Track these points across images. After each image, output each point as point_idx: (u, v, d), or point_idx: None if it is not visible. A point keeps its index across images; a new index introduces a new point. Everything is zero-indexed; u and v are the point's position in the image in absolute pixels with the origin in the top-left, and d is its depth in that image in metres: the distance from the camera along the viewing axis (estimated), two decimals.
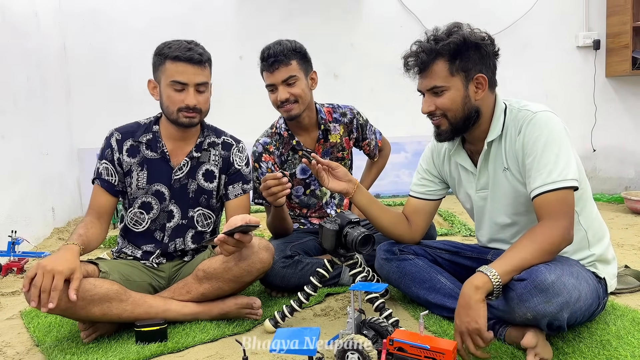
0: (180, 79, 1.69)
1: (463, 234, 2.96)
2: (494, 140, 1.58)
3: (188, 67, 1.69)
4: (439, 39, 1.52)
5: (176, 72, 1.69)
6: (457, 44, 1.49)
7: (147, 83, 1.79)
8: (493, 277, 1.34)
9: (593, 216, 1.60)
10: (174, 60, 1.69)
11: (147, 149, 1.80)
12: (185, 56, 1.68)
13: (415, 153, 4.19)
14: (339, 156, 2.23)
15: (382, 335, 1.37)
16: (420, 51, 1.53)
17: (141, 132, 1.81)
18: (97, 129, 1.82)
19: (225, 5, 4.05)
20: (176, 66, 1.69)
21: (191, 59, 1.69)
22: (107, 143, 1.81)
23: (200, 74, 1.71)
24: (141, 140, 1.80)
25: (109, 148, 1.80)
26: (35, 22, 3.33)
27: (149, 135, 1.81)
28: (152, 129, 1.82)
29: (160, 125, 1.83)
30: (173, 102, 1.71)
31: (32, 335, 1.70)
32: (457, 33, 1.51)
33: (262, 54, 2.02)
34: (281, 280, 1.92)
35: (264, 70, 2.03)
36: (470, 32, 1.52)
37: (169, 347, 1.54)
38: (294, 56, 2.00)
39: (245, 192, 1.88)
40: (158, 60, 1.73)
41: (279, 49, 1.98)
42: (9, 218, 2.73)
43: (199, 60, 1.70)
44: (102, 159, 1.80)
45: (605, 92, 4.28)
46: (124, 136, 1.81)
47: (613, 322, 1.59)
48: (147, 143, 1.80)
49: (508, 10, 4.18)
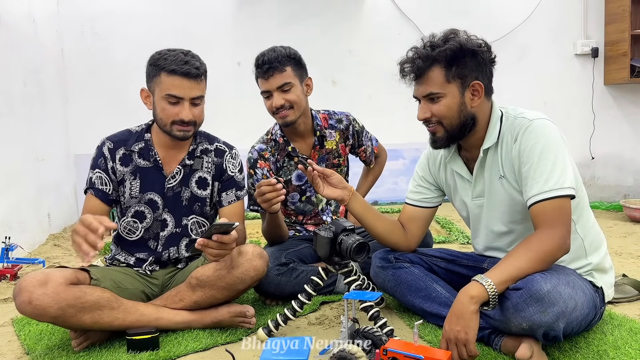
0: (176, 92, 1.67)
1: (461, 242, 2.94)
2: (490, 147, 1.57)
3: (184, 81, 1.66)
4: (435, 45, 1.51)
5: (172, 85, 1.66)
6: (453, 51, 1.48)
7: (140, 92, 1.77)
8: (488, 287, 1.32)
9: (590, 225, 1.59)
10: (170, 73, 1.66)
11: (139, 158, 1.78)
12: (182, 70, 1.65)
13: (413, 160, 4.19)
14: (334, 163, 2.21)
15: (376, 345, 1.35)
16: (417, 57, 1.52)
17: (133, 140, 1.79)
18: (94, 135, 1.81)
19: (224, 12, 4.05)
20: (172, 80, 1.66)
21: (188, 73, 1.66)
22: (100, 152, 1.78)
23: (196, 88, 1.69)
24: (133, 149, 1.78)
25: (101, 157, 1.77)
26: (33, 27, 3.33)
27: (141, 143, 1.79)
28: (144, 137, 1.80)
29: (152, 133, 1.81)
30: (167, 115, 1.69)
31: (23, 343, 1.68)
32: (454, 40, 1.50)
33: (257, 60, 2.02)
34: (275, 288, 1.90)
35: (259, 77, 2.03)
36: (466, 39, 1.51)
37: (160, 355, 1.52)
38: (288, 62, 1.99)
39: (238, 198, 1.87)
40: (153, 71, 1.71)
41: (273, 56, 1.97)
42: (4, 224, 2.71)
43: (195, 74, 1.67)
44: (95, 168, 1.77)
45: (603, 100, 4.28)
46: (116, 145, 1.78)
47: (610, 332, 1.57)
48: (140, 152, 1.78)
49: (506, 18, 4.18)
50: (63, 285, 1.49)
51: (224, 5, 4.04)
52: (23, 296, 1.45)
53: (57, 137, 3.70)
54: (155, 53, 1.73)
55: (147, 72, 1.74)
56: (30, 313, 1.46)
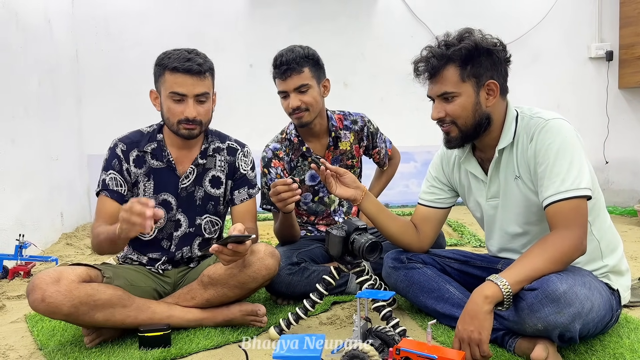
0: (179, 90, 1.66)
1: (473, 245, 2.92)
2: (506, 147, 1.55)
3: (187, 78, 1.66)
4: (450, 44, 1.50)
5: (174, 83, 1.66)
6: (468, 50, 1.47)
7: (149, 94, 1.77)
8: (503, 287, 1.31)
9: (606, 226, 1.57)
10: (172, 71, 1.66)
11: (152, 159, 1.77)
12: (183, 67, 1.65)
13: (425, 163, 4.17)
14: (348, 164, 2.21)
15: (389, 344, 1.34)
16: (431, 56, 1.51)
17: (145, 141, 1.79)
18: (107, 135, 1.81)
19: (236, 14, 4.07)
20: (175, 77, 1.66)
21: (190, 69, 1.65)
22: (113, 153, 1.77)
23: (199, 84, 1.68)
24: (146, 149, 1.77)
25: (115, 158, 1.76)
26: (48, 29, 3.37)
27: (154, 144, 1.78)
28: (156, 138, 1.79)
29: (164, 133, 1.80)
30: (173, 114, 1.69)
31: (36, 339, 1.69)
32: (469, 38, 1.49)
33: (275, 60, 2.00)
34: (287, 287, 1.90)
35: (277, 77, 2.02)
36: (481, 38, 1.50)
37: (172, 353, 1.52)
38: (306, 63, 1.98)
39: (251, 196, 1.86)
40: (158, 71, 1.71)
41: (291, 57, 1.96)
42: (18, 222, 2.73)
43: (198, 70, 1.66)
44: (109, 169, 1.75)
45: (618, 103, 4.24)
46: (128, 146, 1.77)
47: (627, 335, 1.54)
48: (153, 152, 1.77)
49: (519, 20, 4.16)
50: (76, 283, 1.50)
51: (237, 7, 4.07)
52: (36, 294, 1.46)
53: (71, 137, 3.73)
54: (161, 53, 1.73)
55: (154, 72, 1.74)
56: (44, 310, 1.47)
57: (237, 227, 1.54)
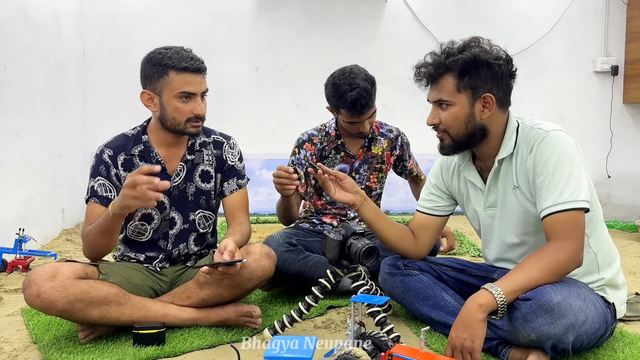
0: (189, 89, 1.69)
1: (472, 254, 2.92)
2: (505, 158, 1.55)
3: (195, 77, 1.70)
4: (450, 53, 1.50)
5: (184, 83, 1.68)
6: (466, 61, 1.47)
7: (141, 96, 1.74)
8: (498, 296, 1.31)
9: (603, 240, 1.56)
10: (180, 71, 1.67)
11: (140, 161, 1.77)
12: (193, 67, 1.68)
13: (427, 171, 4.13)
14: (376, 167, 2.29)
15: (382, 349, 1.34)
16: (430, 63, 1.52)
17: (131, 144, 1.78)
18: (111, 133, 1.82)
19: (244, 17, 4.09)
20: (184, 77, 1.68)
21: (199, 69, 1.70)
22: (99, 160, 1.75)
23: (204, 82, 1.74)
24: (133, 152, 1.76)
25: (102, 164, 1.75)
26: (57, 25, 3.39)
27: (140, 146, 1.77)
28: (141, 140, 1.78)
29: (150, 133, 1.79)
30: (181, 113, 1.70)
31: (31, 332, 1.69)
32: (470, 50, 1.48)
33: (346, 97, 2.00)
34: (282, 263, 1.91)
35: (348, 112, 2.04)
36: (483, 50, 1.49)
37: (165, 351, 1.53)
38: (374, 94, 2.07)
39: (240, 187, 1.88)
40: (158, 72, 1.69)
41: (366, 98, 2.00)
42: (19, 216, 2.75)
43: (204, 69, 1.73)
44: (97, 176, 1.74)
45: (622, 118, 4.24)
46: (115, 151, 1.76)
47: (621, 350, 1.54)
48: (140, 154, 1.77)
49: (525, 32, 4.17)
50: (71, 279, 1.50)
51: (244, 10, 4.08)
52: (32, 289, 1.46)
53: (75, 133, 3.75)
54: (152, 53, 1.73)
55: (148, 73, 1.72)
56: (39, 306, 1.48)
57: (227, 244, 1.56)
